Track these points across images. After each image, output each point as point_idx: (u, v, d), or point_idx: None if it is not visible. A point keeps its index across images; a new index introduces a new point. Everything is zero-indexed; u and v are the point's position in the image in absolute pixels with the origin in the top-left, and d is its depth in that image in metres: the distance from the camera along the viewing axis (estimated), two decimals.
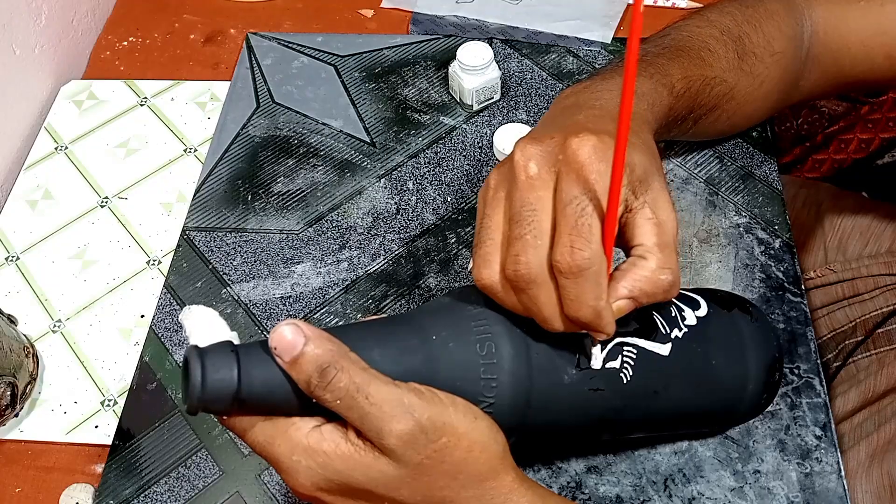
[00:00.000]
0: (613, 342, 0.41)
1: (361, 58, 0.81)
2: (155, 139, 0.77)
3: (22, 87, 0.80)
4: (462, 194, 0.70)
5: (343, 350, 0.36)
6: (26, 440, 0.60)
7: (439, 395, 0.38)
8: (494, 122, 0.75)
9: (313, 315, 0.64)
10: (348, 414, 0.36)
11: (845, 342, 0.67)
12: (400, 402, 0.36)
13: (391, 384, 0.37)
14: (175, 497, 0.56)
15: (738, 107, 0.60)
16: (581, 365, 0.41)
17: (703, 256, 0.64)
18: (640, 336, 0.42)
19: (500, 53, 0.80)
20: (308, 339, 0.35)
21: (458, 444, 0.37)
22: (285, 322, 0.36)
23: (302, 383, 0.36)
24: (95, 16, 0.89)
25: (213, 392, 0.35)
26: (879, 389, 0.61)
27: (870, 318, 0.67)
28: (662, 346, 0.42)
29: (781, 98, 0.62)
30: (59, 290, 0.67)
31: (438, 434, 0.37)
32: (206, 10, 0.88)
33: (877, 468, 0.57)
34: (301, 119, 0.77)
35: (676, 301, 0.44)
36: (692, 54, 0.56)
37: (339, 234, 0.68)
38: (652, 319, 0.43)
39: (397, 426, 0.36)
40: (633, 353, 0.41)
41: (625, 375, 0.41)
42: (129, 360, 0.63)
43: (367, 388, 0.36)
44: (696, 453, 0.55)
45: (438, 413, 0.37)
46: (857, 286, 0.71)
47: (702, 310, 0.44)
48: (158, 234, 0.70)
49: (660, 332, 0.42)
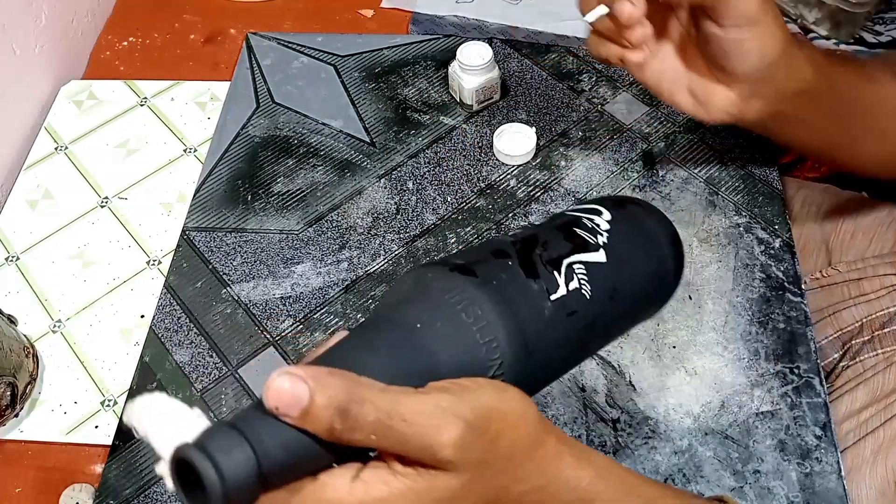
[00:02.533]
0: (564, 264, 0.44)
1: (361, 58, 0.81)
2: (155, 139, 0.77)
3: (22, 87, 0.80)
4: (462, 194, 0.70)
5: (352, 379, 0.32)
6: (26, 440, 0.60)
7: (462, 383, 0.35)
8: (494, 122, 0.74)
9: (313, 315, 0.64)
10: (386, 444, 0.32)
11: (852, 342, 0.67)
12: (437, 409, 0.33)
13: (417, 394, 0.33)
14: (175, 497, 0.56)
15: (837, 148, 0.60)
16: (551, 295, 0.43)
17: (703, 256, 0.64)
18: (579, 252, 0.45)
19: (500, 53, 0.80)
20: (310, 383, 0.30)
21: (505, 423, 0.35)
22: (276, 374, 0.30)
23: (323, 433, 0.31)
24: (95, 16, 0.89)
25: (235, 482, 0.29)
26: (888, 388, 0.61)
27: (876, 319, 0.67)
28: (598, 254, 0.45)
29: (844, 157, 0.63)
30: (59, 290, 0.67)
31: (486, 423, 0.34)
32: (206, 10, 0.88)
33: (881, 464, 0.57)
34: (301, 119, 0.77)
35: (584, 213, 0.48)
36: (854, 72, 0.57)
37: (339, 234, 0.68)
38: (579, 235, 0.46)
39: (447, 435, 0.33)
40: (582, 269, 0.45)
41: (586, 291, 0.44)
42: (129, 360, 0.63)
43: (398, 410, 0.32)
44: (696, 453, 0.55)
45: (476, 401, 0.34)
46: (862, 286, 0.71)
47: (605, 214, 0.49)
48: (158, 234, 0.70)
49: (590, 243, 0.46)
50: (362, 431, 0.31)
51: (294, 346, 0.62)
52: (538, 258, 0.44)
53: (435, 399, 0.33)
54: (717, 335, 0.60)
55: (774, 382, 0.58)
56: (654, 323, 0.61)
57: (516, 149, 0.71)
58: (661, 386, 0.58)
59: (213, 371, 0.61)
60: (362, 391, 0.32)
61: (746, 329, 0.60)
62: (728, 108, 0.53)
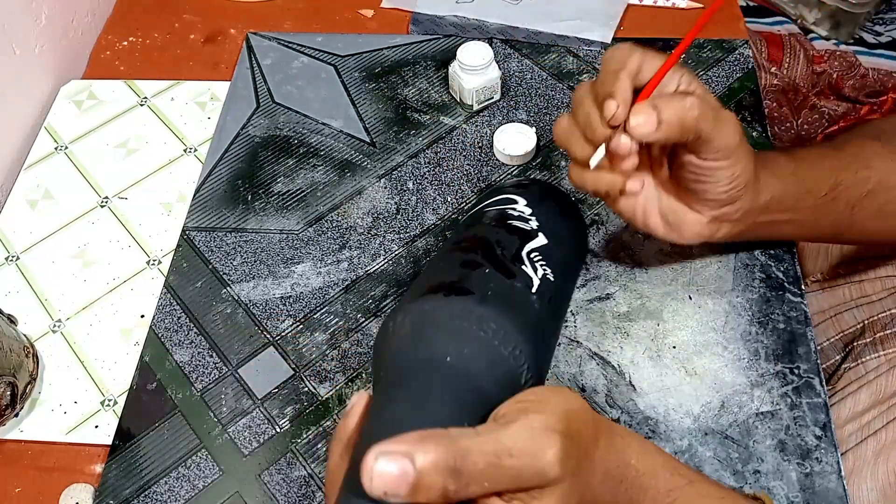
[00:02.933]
0: (525, 257, 0.47)
1: (361, 58, 0.81)
2: (155, 139, 0.77)
3: (22, 87, 0.80)
4: (462, 194, 0.70)
5: (444, 435, 0.31)
6: (26, 440, 0.60)
7: (529, 398, 0.36)
8: (494, 122, 0.75)
9: (313, 315, 0.64)
10: (500, 486, 0.32)
11: (854, 344, 0.67)
12: (533, 432, 0.33)
13: (508, 426, 0.33)
14: (175, 497, 0.56)
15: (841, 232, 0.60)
16: (531, 288, 0.45)
17: (703, 256, 0.64)
18: (528, 241, 0.48)
19: (500, 53, 0.80)
20: (411, 455, 0.29)
21: (580, 421, 0.36)
22: (370, 458, 0.29)
23: (438, 499, 0.30)
24: (95, 16, 0.89)
25: None
26: (890, 390, 0.61)
27: (878, 321, 0.67)
28: (540, 237, 0.48)
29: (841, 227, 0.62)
30: (59, 290, 0.67)
31: (573, 427, 0.35)
32: (206, 10, 0.88)
33: (883, 465, 0.58)
34: (301, 119, 0.77)
35: (504, 205, 0.51)
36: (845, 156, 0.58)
37: (339, 234, 0.68)
38: (517, 226, 0.49)
39: (551, 451, 0.33)
40: (538, 256, 0.47)
41: (549, 275, 0.46)
42: (129, 360, 0.63)
43: (502, 447, 0.32)
44: (696, 453, 0.55)
45: (556, 410, 0.35)
46: (864, 287, 0.71)
47: (520, 200, 0.51)
48: (158, 234, 0.70)
49: (529, 231, 0.49)
50: (477, 482, 0.31)
51: (294, 346, 0.62)
52: (504, 258, 0.45)
53: (525, 424, 0.33)
54: (717, 335, 0.60)
55: (774, 383, 0.58)
56: (654, 323, 0.61)
57: (516, 149, 0.71)
58: (661, 386, 0.58)
59: (213, 371, 0.61)
60: (461, 443, 0.31)
61: (746, 329, 0.60)
62: (700, 230, 0.54)
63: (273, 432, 0.58)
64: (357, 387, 0.60)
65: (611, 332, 0.61)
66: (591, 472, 0.37)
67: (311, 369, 0.61)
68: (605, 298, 0.62)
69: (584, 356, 0.60)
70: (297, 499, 0.55)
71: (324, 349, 0.62)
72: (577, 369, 0.59)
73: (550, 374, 0.59)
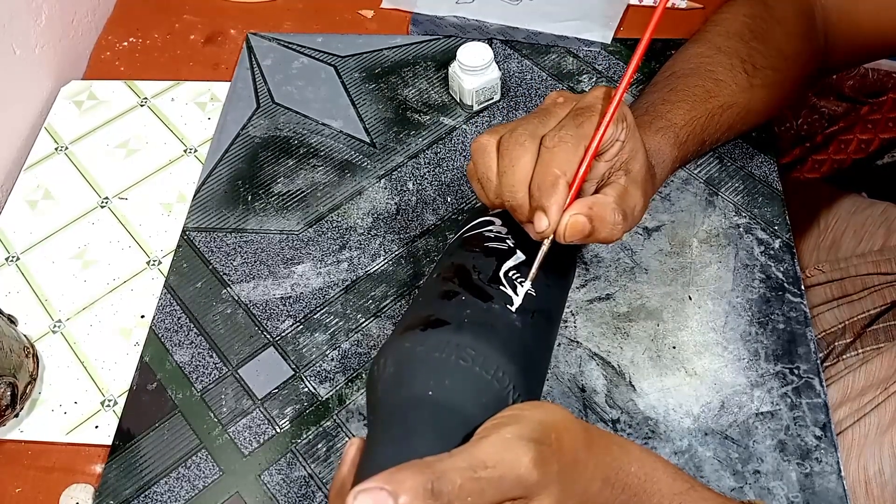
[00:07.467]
0: (502, 274, 0.47)
1: (361, 58, 0.81)
2: (155, 139, 0.77)
3: (22, 87, 0.80)
4: (462, 194, 0.70)
5: (419, 463, 0.32)
6: (26, 440, 0.60)
7: (506, 414, 0.37)
8: (494, 123, 0.75)
9: (313, 315, 0.64)
10: (484, 499, 0.33)
11: (835, 343, 0.67)
12: (506, 441, 0.34)
13: (480, 440, 0.34)
14: (175, 497, 0.56)
15: (758, 115, 0.63)
16: (516, 311, 0.45)
17: (703, 256, 0.64)
18: (505, 260, 0.48)
19: (500, 54, 0.80)
20: (388, 486, 0.31)
21: (560, 431, 0.36)
22: (349, 498, 0.31)
23: None
24: (95, 16, 0.89)
25: None
26: (858, 385, 0.61)
27: (858, 321, 0.67)
28: (518, 255, 0.49)
29: (807, 83, 0.66)
30: (59, 290, 0.67)
31: (547, 435, 0.35)
32: (206, 11, 0.88)
33: (854, 461, 0.58)
34: (301, 119, 0.77)
35: (481, 228, 0.51)
36: (696, 91, 0.59)
37: (339, 234, 0.68)
38: (493, 247, 0.49)
39: (525, 457, 0.33)
40: (515, 273, 0.47)
41: (531, 290, 0.47)
42: (129, 360, 0.63)
43: (478, 461, 0.33)
44: (696, 453, 0.55)
45: (530, 421, 0.36)
46: (845, 286, 0.71)
47: (497, 220, 0.51)
48: (158, 234, 0.70)
49: (507, 250, 0.49)
50: (460, 499, 0.32)
51: (294, 347, 0.62)
52: (481, 282, 0.46)
53: (498, 435, 0.34)
54: (717, 335, 0.60)
55: (774, 383, 0.58)
56: (654, 323, 0.61)
57: None
58: (661, 386, 0.58)
59: (213, 371, 0.61)
60: (435, 466, 0.32)
61: (746, 329, 0.60)
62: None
63: (273, 432, 0.58)
64: (357, 387, 0.60)
65: (611, 332, 0.61)
66: (587, 479, 0.37)
67: (311, 369, 0.61)
68: (605, 299, 0.62)
69: (584, 356, 0.60)
70: (297, 499, 0.55)
71: (324, 349, 0.62)
72: (577, 369, 0.59)
73: (550, 374, 0.59)
